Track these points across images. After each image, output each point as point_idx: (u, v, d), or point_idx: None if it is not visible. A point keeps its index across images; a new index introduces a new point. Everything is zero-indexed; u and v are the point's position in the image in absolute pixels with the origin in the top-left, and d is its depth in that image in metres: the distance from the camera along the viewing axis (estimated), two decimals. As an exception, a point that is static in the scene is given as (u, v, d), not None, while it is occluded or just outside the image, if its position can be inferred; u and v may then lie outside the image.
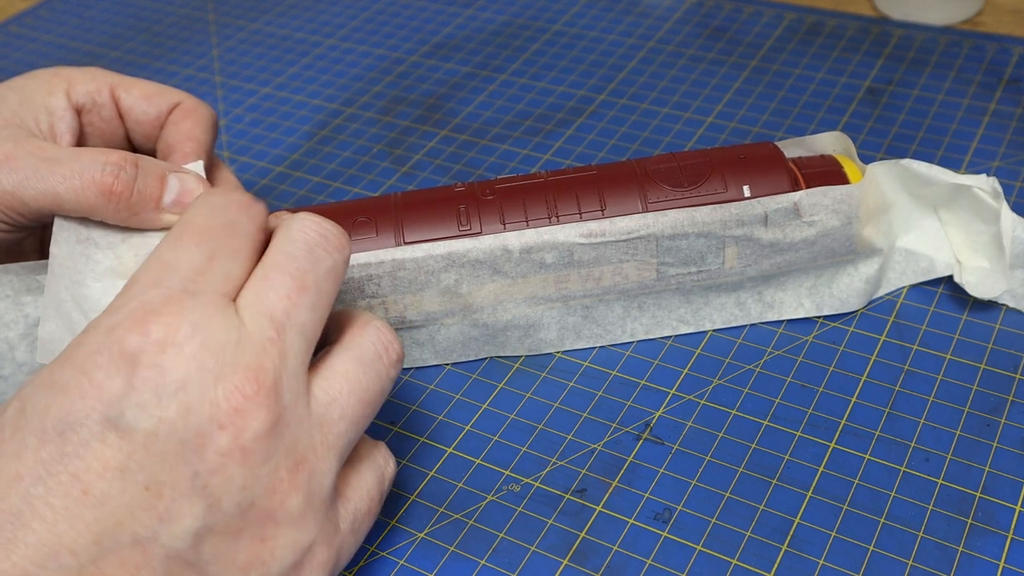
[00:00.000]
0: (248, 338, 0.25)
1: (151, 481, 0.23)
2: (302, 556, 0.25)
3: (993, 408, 0.34)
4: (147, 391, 0.23)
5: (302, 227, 0.27)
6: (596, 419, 0.35)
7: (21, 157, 0.32)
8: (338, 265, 0.27)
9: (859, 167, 0.37)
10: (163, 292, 0.25)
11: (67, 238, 0.34)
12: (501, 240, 0.34)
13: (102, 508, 0.23)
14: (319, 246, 0.27)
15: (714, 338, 0.37)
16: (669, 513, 0.32)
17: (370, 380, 0.27)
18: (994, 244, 0.36)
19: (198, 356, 0.24)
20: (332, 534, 0.26)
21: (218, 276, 0.25)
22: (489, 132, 0.49)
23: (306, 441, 0.25)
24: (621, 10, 0.58)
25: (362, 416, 0.27)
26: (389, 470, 0.29)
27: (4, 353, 0.35)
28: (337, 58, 0.57)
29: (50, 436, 0.23)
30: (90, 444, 0.23)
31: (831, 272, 0.37)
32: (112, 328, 0.24)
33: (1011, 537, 0.30)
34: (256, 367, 0.24)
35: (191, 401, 0.23)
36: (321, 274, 0.26)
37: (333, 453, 0.26)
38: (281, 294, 0.25)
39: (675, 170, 0.36)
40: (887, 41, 0.53)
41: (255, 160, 0.49)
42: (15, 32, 0.63)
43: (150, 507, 0.23)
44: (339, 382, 0.27)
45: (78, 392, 0.23)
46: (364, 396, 0.27)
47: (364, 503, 0.28)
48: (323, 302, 0.26)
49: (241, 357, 0.24)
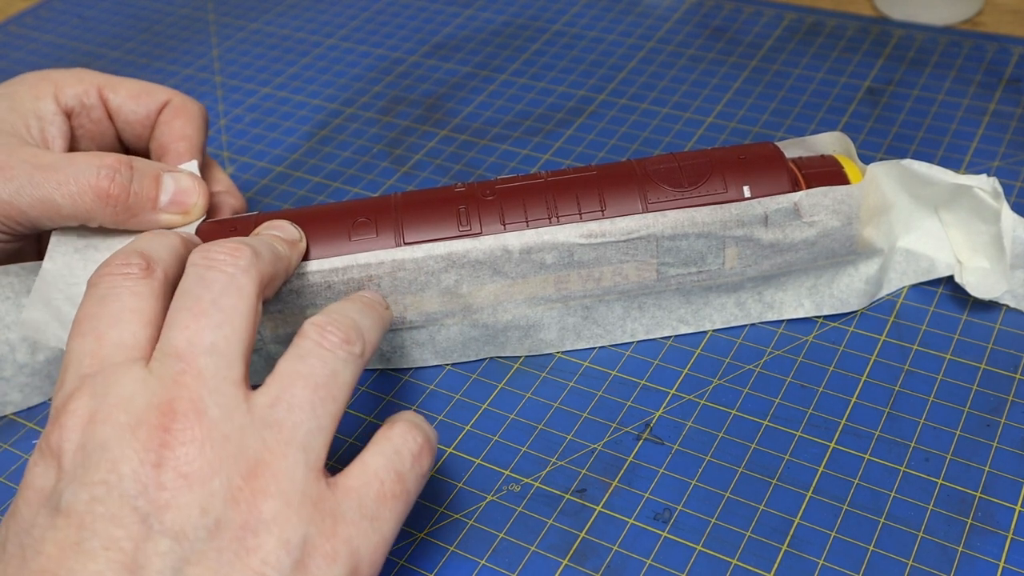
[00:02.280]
0: (155, 381, 0.26)
1: (108, 541, 0.23)
2: (300, 553, 0.25)
3: (993, 408, 0.34)
4: (74, 468, 0.25)
5: (192, 261, 0.28)
6: (596, 419, 0.35)
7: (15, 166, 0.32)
8: (236, 276, 0.28)
9: (859, 167, 0.37)
10: (67, 390, 0.26)
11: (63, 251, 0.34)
12: (501, 240, 0.34)
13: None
14: (210, 269, 0.28)
15: (714, 338, 0.37)
16: (669, 513, 0.32)
17: (312, 367, 0.27)
18: (994, 244, 0.36)
19: (109, 418, 0.25)
20: (331, 525, 0.26)
21: (110, 350, 0.27)
22: (489, 132, 0.49)
23: (256, 445, 0.25)
24: (621, 10, 0.58)
25: (317, 400, 0.26)
26: (408, 444, 0.28)
27: (5, 355, 0.35)
28: (337, 58, 0.57)
29: (13, 543, 0.24)
30: (44, 538, 0.24)
31: (831, 272, 0.37)
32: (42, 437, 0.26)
33: (1011, 537, 0.30)
34: (168, 400, 0.25)
35: (116, 456, 0.24)
36: (217, 293, 0.27)
37: (294, 447, 0.26)
38: (179, 329, 0.26)
39: (675, 170, 0.36)
40: (887, 41, 0.53)
41: (255, 160, 0.49)
42: (15, 32, 0.63)
43: (117, 563, 0.23)
44: (277, 381, 0.27)
45: (23, 502, 0.25)
46: (310, 382, 0.27)
47: (372, 487, 0.27)
48: (229, 317, 0.27)
49: (152, 399, 0.25)
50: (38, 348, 0.36)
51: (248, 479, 0.25)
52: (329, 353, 0.27)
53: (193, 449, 0.25)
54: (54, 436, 0.25)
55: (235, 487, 0.25)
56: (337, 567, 0.25)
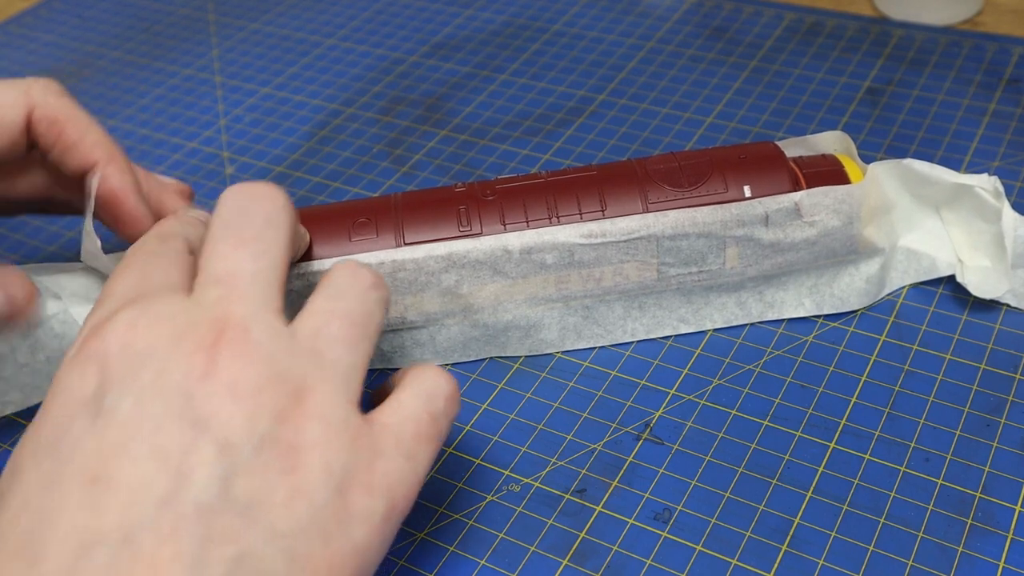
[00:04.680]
0: (197, 303, 0.25)
1: (153, 446, 0.23)
2: (340, 481, 0.24)
3: (993, 408, 0.34)
4: (120, 372, 0.24)
5: (227, 197, 0.28)
6: (596, 419, 0.35)
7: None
8: (274, 212, 0.28)
9: (860, 167, 0.37)
10: (105, 311, 0.26)
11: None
12: (501, 241, 0.34)
13: (114, 489, 0.22)
14: (253, 202, 0.28)
15: (714, 338, 0.37)
16: (669, 513, 0.32)
17: (349, 305, 0.27)
18: (996, 243, 0.36)
19: (155, 328, 0.25)
20: (371, 458, 0.25)
21: (152, 284, 0.27)
22: (489, 132, 0.49)
23: (299, 372, 0.25)
24: (621, 10, 0.58)
25: (355, 337, 0.27)
26: (441, 388, 0.28)
27: (6, 354, 0.35)
28: (337, 58, 0.57)
29: (44, 454, 0.23)
30: (84, 440, 0.23)
31: (832, 272, 0.37)
32: (73, 348, 0.25)
33: (1011, 537, 0.30)
34: (213, 319, 0.25)
35: (163, 362, 0.24)
36: (258, 226, 0.27)
37: (335, 379, 0.26)
38: (220, 258, 0.26)
39: (676, 170, 0.36)
40: (887, 41, 0.53)
41: (255, 160, 0.49)
42: (15, 32, 0.63)
43: (161, 469, 0.22)
44: (315, 316, 0.27)
45: (58, 406, 0.24)
46: (347, 319, 0.27)
47: (408, 426, 0.27)
48: (268, 249, 0.27)
49: (195, 316, 0.25)
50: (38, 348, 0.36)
51: (293, 400, 0.24)
52: (364, 293, 0.28)
53: (240, 364, 0.24)
54: (94, 343, 0.25)
55: (281, 406, 0.24)
56: (375, 501, 0.25)
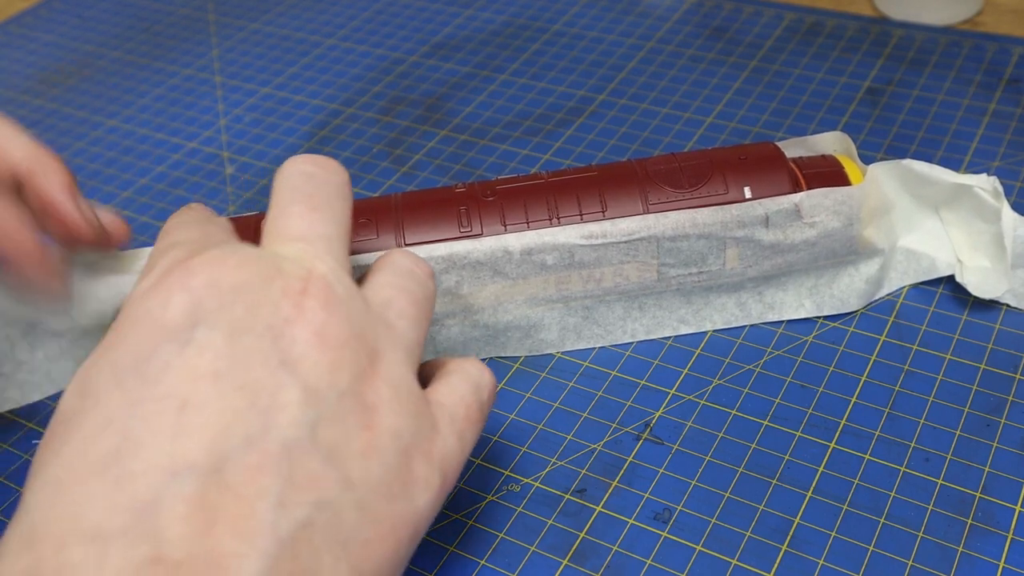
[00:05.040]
0: (278, 254, 0.26)
1: (244, 380, 0.23)
2: (405, 444, 0.24)
3: (993, 408, 0.34)
4: (210, 303, 0.24)
5: (293, 163, 0.28)
6: (596, 419, 0.35)
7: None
8: (341, 185, 0.28)
9: (860, 167, 0.37)
10: (183, 250, 0.25)
11: None
12: (502, 241, 0.34)
13: (204, 418, 0.22)
14: (317, 173, 0.28)
15: (714, 338, 0.37)
16: (669, 513, 0.32)
17: (412, 287, 0.28)
18: (995, 243, 0.36)
19: (243, 267, 0.24)
20: (431, 430, 0.26)
21: (220, 238, 0.27)
22: (489, 132, 0.49)
23: (373, 335, 0.25)
24: (621, 10, 0.58)
25: (419, 317, 0.27)
26: (485, 379, 0.29)
27: (5, 351, 0.35)
28: (337, 58, 0.57)
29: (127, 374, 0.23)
30: (171, 366, 0.23)
31: (832, 272, 0.37)
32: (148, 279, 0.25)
33: (1011, 537, 0.30)
34: (296, 269, 0.25)
35: (252, 299, 0.24)
36: (330, 194, 0.28)
37: (403, 350, 0.26)
38: (296, 218, 0.27)
39: (676, 171, 0.36)
40: (887, 41, 0.53)
41: (255, 160, 0.49)
42: (15, 32, 0.63)
43: (251, 404, 0.22)
44: (386, 290, 0.27)
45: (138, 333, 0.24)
46: (412, 298, 0.27)
47: (460, 408, 0.27)
48: (338, 218, 0.27)
49: (281, 265, 0.25)
50: (37, 345, 0.36)
51: (368, 361, 0.25)
52: (425, 280, 0.28)
53: (325, 315, 0.24)
54: (180, 275, 0.24)
55: (360, 363, 0.24)
56: (433, 470, 0.25)
